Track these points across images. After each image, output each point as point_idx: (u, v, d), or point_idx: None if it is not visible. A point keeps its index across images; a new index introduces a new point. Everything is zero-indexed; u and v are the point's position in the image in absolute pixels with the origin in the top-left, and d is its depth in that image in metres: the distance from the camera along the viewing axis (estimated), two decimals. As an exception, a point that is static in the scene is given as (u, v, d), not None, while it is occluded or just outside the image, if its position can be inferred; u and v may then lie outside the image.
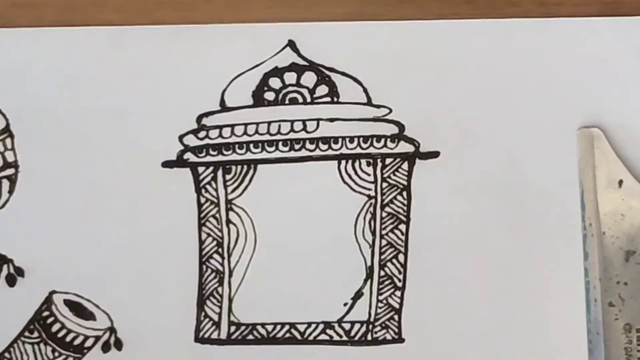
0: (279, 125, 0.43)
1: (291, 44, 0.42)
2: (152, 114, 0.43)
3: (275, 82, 0.42)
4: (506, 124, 0.43)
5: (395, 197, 0.43)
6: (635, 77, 0.43)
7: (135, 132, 0.43)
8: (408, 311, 0.44)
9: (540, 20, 0.43)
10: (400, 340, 0.44)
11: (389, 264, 0.44)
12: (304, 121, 0.42)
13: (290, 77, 0.42)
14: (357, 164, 0.43)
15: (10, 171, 0.43)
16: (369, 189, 0.43)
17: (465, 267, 0.43)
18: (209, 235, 0.43)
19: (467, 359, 0.44)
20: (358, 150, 0.43)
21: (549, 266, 0.43)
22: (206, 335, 0.44)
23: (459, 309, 0.43)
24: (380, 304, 0.44)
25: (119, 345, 0.43)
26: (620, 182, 0.42)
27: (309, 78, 0.42)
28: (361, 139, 0.43)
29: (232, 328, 0.44)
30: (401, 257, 0.44)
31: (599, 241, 0.42)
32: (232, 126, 0.42)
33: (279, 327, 0.44)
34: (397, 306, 0.44)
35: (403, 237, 0.44)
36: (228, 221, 0.43)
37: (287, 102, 0.42)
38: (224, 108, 0.42)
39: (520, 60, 0.43)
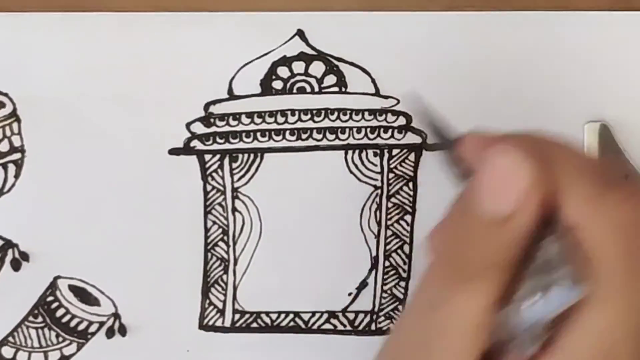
0: (287, 114, 0.42)
1: (300, 34, 0.42)
2: (159, 101, 0.42)
3: (283, 71, 0.42)
4: (513, 116, 0.43)
5: (401, 188, 0.43)
6: (644, 71, 0.43)
7: (143, 119, 0.43)
8: (412, 302, 0.44)
9: (550, 13, 0.43)
10: (404, 330, 0.44)
11: (394, 254, 0.44)
12: (311, 110, 0.42)
13: (298, 67, 0.42)
14: (364, 154, 0.43)
15: (16, 156, 0.43)
16: (375, 180, 0.43)
17: (469, 259, 0.43)
18: (214, 223, 0.43)
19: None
20: (365, 141, 0.43)
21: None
22: (210, 323, 0.44)
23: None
24: (384, 294, 0.44)
25: (123, 331, 0.44)
26: (626, 176, 0.42)
27: (317, 68, 0.42)
28: (368, 130, 0.43)
29: (237, 316, 0.44)
30: (406, 248, 0.44)
31: (604, 235, 0.42)
32: (240, 114, 0.42)
33: (283, 315, 0.44)
34: (401, 297, 0.44)
35: (408, 228, 0.44)
36: (234, 209, 0.43)
37: (295, 91, 0.42)
38: (231, 96, 0.42)
39: (530, 52, 0.43)
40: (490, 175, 0.28)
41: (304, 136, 0.43)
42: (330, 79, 0.42)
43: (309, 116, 0.42)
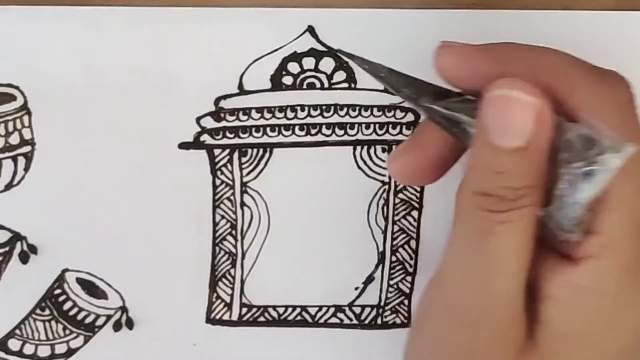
0: (296, 110, 0.43)
1: (310, 30, 0.42)
2: (169, 95, 0.42)
3: (293, 67, 0.43)
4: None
5: (408, 184, 0.44)
6: (649, 71, 0.43)
7: (153, 113, 0.43)
8: (418, 296, 0.44)
9: (555, 12, 0.43)
10: (410, 324, 0.44)
11: (400, 249, 0.44)
12: (321, 106, 0.43)
13: (308, 62, 0.43)
14: (372, 150, 0.43)
15: (26, 148, 0.43)
16: (383, 175, 0.44)
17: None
18: (223, 217, 0.44)
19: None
20: (374, 137, 0.43)
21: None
22: (218, 317, 0.44)
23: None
24: (390, 289, 0.44)
25: (130, 324, 0.44)
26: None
27: (327, 64, 0.43)
28: (377, 126, 0.43)
29: (244, 310, 0.44)
30: (413, 243, 0.44)
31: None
32: (250, 109, 0.43)
33: (290, 309, 0.44)
34: (407, 291, 0.44)
35: (415, 224, 0.44)
36: (242, 204, 0.44)
37: (304, 87, 0.43)
38: (242, 91, 0.43)
39: (536, 51, 0.43)
40: (502, 112, 0.30)
41: (313, 131, 0.43)
42: (340, 75, 0.43)
43: (318, 112, 0.43)
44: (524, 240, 0.31)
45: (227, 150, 0.43)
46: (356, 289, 0.44)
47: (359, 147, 0.43)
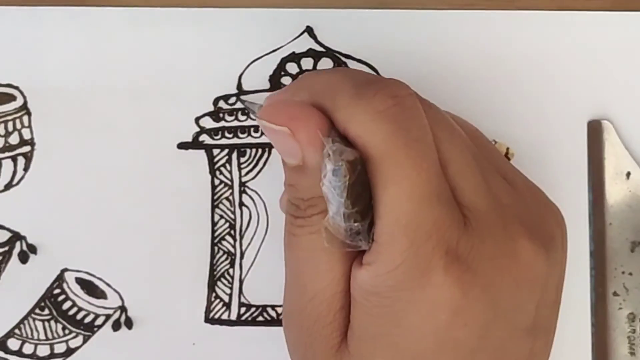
0: (295, 110, 0.43)
1: (309, 30, 0.43)
2: (169, 96, 0.43)
3: (292, 67, 0.43)
4: (517, 115, 0.44)
5: (406, 184, 0.44)
6: (646, 71, 0.44)
7: (152, 113, 0.43)
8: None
9: (552, 12, 0.43)
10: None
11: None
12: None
13: (307, 63, 0.43)
14: (370, 150, 0.43)
15: (26, 148, 0.43)
16: (382, 175, 0.44)
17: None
18: (221, 217, 0.44)
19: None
20: (372, 137, 0.43)
21: (555, 255, 0.44)
22: (216, 316, 0.44)
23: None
24: (389, 289, 0.44)
25: (129, 324, 0.44)
26: (628, 174, 0.43)
27: (326, 64, 0.43)
28: (375, 126, 0.43)
29: (242, 309, 0.44)
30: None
31: (606, 232, 0.43)
32: (248, 109, 0.43)
33: (288, 309, 0.44)
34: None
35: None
36: (241, 203, 0.44)
37: (303, 87, 0.43)
38: (240, 91, 0.43)
39: (533, 52, 0.43)
40: (275, 141, 0.33)
41: (311, 132, 0.43)
42: (338, 76, 0.43)
43: (316, 112, 0.43)
44: (320, 237, 0.33)
45: (226, 150, 0.43)
46: (354, 288, 0.44)
47: (357, 147, 0.43)
